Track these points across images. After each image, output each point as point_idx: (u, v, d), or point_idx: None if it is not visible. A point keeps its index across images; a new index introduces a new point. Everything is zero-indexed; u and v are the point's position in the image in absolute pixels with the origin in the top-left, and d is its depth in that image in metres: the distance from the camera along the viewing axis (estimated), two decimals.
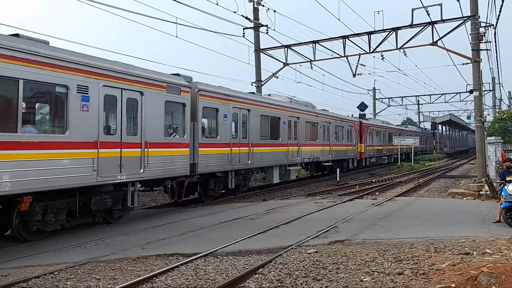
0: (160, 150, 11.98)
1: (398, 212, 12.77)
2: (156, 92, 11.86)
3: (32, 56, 8.59)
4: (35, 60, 8.63)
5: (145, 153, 11.32)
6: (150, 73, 11.90)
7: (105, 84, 10.26)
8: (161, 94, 12.08)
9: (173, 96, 12.54)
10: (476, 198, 16.08)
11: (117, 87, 10.67)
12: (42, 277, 6.67)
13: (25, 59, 8.44)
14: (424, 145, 54.01)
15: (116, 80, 10.60)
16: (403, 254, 7.60)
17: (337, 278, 6.43)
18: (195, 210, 13.71)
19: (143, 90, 11.36)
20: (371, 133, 34.31)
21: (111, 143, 10.47)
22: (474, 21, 18.11)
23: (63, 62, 9.24)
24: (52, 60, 9.01)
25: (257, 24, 22.71)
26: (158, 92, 11.94)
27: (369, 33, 21.06)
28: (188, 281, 6.47)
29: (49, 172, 8.84)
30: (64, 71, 9.25)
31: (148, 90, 11.52)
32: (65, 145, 9.25)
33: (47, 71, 8.88)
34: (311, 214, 12.49)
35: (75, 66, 9.52)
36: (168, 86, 12.34)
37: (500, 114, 27.03)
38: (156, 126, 11.85)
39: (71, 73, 9.42)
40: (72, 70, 9.44)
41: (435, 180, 25.00)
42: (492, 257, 7.04)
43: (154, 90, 11.80)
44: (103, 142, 10.17)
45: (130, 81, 11.02)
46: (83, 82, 9.69)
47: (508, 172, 10.85)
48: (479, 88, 19.03)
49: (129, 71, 11.08)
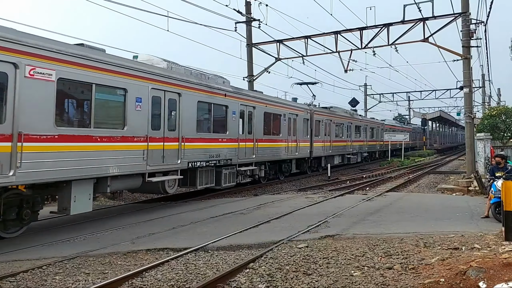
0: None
1: (388, 207, 12.85)
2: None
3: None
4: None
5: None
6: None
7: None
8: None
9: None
10: (465, 194, 16.24)
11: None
12: (30, 272, 6.60)
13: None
14: (414, 141, 54.39)
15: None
16: (393, 249, 7.64)
17: (327, 273, 6.46)
18: (186, 205, 13.67)
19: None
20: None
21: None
22: (465, 18, 18.21)
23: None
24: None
25: (249, 18, 22.60)
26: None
27: (361, 28, 21.06)
28: (178, 275, 6.45)
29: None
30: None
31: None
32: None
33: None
34: (302, 209, 12.52)
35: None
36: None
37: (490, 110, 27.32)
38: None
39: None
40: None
41: (424, 176, 25.20)
42: (481, 252, 7.11)
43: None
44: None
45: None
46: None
47: (497, 168, 10.97)
48: (469, 85, 19.16)
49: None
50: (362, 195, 16.23)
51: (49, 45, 8.82)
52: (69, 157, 9.12)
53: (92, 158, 9.68)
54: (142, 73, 11.31)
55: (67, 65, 9.12)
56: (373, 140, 37.85)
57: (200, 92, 13.81)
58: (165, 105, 12.21)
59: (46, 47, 8.68)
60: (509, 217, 7.91)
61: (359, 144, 33.67)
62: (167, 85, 12.28)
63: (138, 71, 11.18)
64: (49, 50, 8.75)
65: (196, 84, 13.68)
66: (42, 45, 8.63)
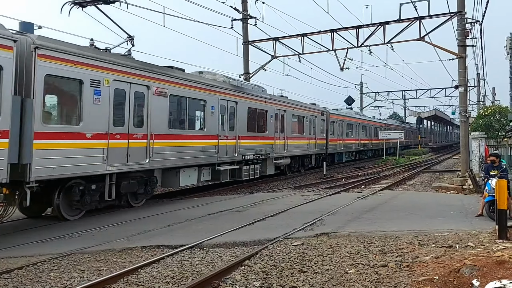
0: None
1: (383, 205, 12.91)
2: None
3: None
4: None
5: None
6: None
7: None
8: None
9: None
10: (460, 192, 16.34)
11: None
12: (25, 268, 6.58)
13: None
14: (409, 140, 54.60)
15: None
16: (388, 246, 7.69)
17: (322, 270, 6.48)
18: (181, 202, 13.66)
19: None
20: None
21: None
22: (461, 17, 18.25)
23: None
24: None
25: (246, 16, 22.55)
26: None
27: (357, 27, 21.07)
28: (173, 272, 6.45)
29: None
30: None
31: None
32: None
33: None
34: (297, 206, 12.55)
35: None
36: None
37: (484, 110, 27.47)
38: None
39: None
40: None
41: (419, 174, 25.32)
42: (474, 250, 7.17)
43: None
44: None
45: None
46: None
47: (492, 166, 11.03)
48: (464, 84, 19.20)
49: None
50: (357, 193, 16.29)
51: (164, 71, 12.55)
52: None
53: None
54: (216, 88, 15.14)
55: (174, 85, 12.84)
56: (377, 138, 39.61)
57: (249, 100, 17.57)
58: (228, 111, 16.06)
59: (163, 73, 12.44)
60: (503, 215, 7.99)
61: (365, 142, 37.46)
62: (229, 96, 16.13)
63: (213, 86, 15.01)
64: (164, 75, 12.46)
65: (247, 94, 17.50)
66: (160, 72, 12.31)
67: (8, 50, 8.25)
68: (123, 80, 11.08)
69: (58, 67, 9.27)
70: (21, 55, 8.67)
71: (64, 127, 9.67)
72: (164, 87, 12.47)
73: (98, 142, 10.27)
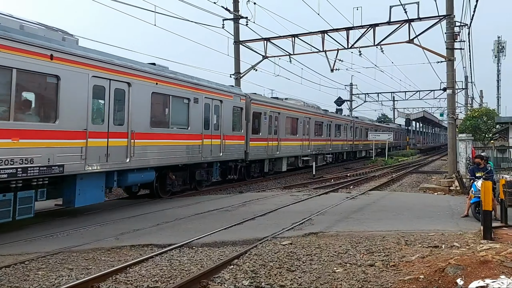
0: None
1: (371, 205, 13.03)
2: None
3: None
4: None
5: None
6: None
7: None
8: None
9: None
10: (447, 193, 16.55)
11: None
12: (12, 267, 6.54)
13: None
14: (398, 141, 55.07)
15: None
16: (375, 246, 7.78)
17: (311, 269, 6.55)
18: (171, 201, 13.64)
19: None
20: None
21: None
22: (450, 20, 18.47)
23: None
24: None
25: (237, 16, 22.57)
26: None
27: (347, 28, 21.21)
28: (162, 271, 6.46)
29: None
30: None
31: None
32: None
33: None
34: (286, 206, 12.62)
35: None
36: (234, 96, 17.85)
37: (472, 112, 27.87)
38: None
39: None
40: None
41: (407, 175, 25.57)
42: (460, 250, 7.29)
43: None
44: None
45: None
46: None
47: (477, 168, 11.20)
48: (452, 86, 19.46)
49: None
50: (346, 193, 16.41)
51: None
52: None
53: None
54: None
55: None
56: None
57: (313, 116, 26.61)
58: (302, 124, 24.37)
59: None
60: (488, 216, 8.12)
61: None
62: (301, 113, 24.78)
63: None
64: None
65: (311, 112, 26.39)
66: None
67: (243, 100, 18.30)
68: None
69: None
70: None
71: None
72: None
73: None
